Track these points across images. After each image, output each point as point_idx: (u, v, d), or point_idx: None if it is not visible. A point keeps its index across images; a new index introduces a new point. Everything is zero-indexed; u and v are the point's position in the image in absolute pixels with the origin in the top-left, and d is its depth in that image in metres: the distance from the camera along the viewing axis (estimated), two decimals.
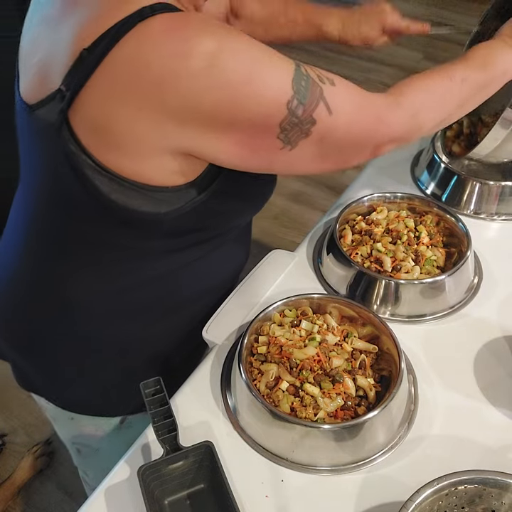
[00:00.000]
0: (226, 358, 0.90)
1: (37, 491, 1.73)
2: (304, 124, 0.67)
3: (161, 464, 0.72)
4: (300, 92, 0.65)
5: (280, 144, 0.68)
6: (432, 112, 0.78)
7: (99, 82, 0.65)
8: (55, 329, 0.89)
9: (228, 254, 0.95)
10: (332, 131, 0.69)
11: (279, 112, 0.65)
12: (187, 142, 0.67)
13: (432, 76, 0.78)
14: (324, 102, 0.67)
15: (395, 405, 0.78)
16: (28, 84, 0.75)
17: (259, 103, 0.64)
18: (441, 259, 1.01)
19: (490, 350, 0.91)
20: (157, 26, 0.63)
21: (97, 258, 0.82)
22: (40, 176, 0.79)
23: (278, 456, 0.78)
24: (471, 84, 0.81)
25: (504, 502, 0.66)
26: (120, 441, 1.02)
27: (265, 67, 0.65)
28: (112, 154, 0.69)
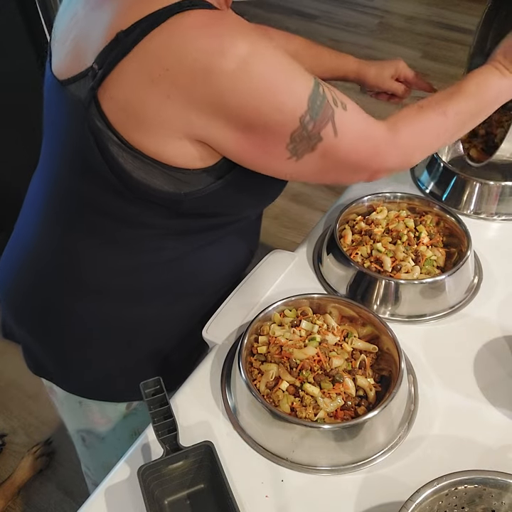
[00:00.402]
0: (226, 358, 0.90)
1: (37, 491, 1.73)
2: (311, 139, 0.72)
3: (161, 464, 0.72)
4: (313, 109, 0.70)
5: (288, 153, 0.73)
6: (425, 149, 0.85)
7: (131, 64, 0.67)
8: (68, 310, 0.91)
9: (236, 246, 0.97)
10: (334, 151, 0.74)
11: (292, 123, 0.70)
12: (206, 132, 0.71)
13: (427, 114, 0.82)
14: (332, 123, 0.72)
15: (395, 405, 0.78)
16: (60, 61, 0.78)
17: (278, 111, 0.69)
18: (441, 259, 1.01)
19: (490, 350, 0.91)
20: (195, 21, 0.66)
21: (115, 235, 0.84)
22: (65, 150, 0.81)
23: (278, 456, 0.78)
24: (464, 116, 0.86)
25: (504, 502, 0.66)
26: (124, 431, 1.05)
27: (289, 79, 0.69)
28: (137, 133, 0.72)
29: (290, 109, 0.69)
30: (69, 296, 0.90)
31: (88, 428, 1.09)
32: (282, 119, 0.69)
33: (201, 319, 0.96)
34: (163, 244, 0.86)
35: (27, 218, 0.94)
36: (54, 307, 0.92)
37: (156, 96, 0.67)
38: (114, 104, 0.70)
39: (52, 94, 0.80)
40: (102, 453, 1.13)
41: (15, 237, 0.97)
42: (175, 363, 1.01)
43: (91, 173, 0.77)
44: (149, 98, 0.68)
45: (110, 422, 1.05)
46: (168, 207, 0.79)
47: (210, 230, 0.89)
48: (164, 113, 0.69)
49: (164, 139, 0.71)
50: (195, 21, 0.66)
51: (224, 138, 0.72)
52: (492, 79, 0.87)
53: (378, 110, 3.24)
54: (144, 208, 0.80)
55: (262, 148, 0.73)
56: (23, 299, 0.95)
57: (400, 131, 0.80)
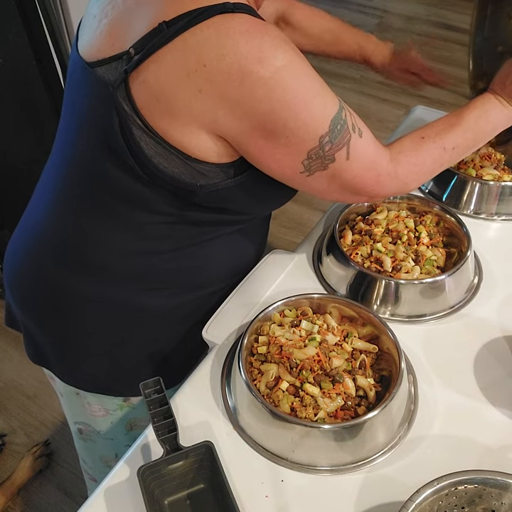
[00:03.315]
0: (226, 358, 0.90)
1: (36, 492, 1.73)
2: (325, 159, 0.76)
3: (161, 464, 0.72)
4: (334, 132, 0.74)
5: (302, 168, 0.76)
6: (421, 180, 0.89)
7: (169, 54, 0.69)
8: (73, 293, 0.92)
9: (242, 245, 0.98)
10: (343, 173, 0.78)
11: (312, 142, 0.73)
12: (230, 132, 0.74)
13: (427, 147, 0.86)
14: (347, 148, 0.76)
15: (395, 405, 0.78)
16: (90, 44, 0.80)
17: (302, 127, 0.72)
18: (441, 259, 1.01)
19: (490, 350, 0.91)
20: (239, 25, 0.68)
21: (127, 218, 0.85)
22: (85, 131, 0.82)
23: (278, 456, 0.78)
24: (461, 149, 0.89)
25: (504, 502, 0.66)
26: (121, 424, 1.05)
27: (317, 99, 0.73)
28: (164, 121, 0.73)
29: (313, 128, 0.72)
30: (75, 278, 0.91)
31: (85, 420, 1.10)
32: (304, 135, 0.72)
33: (201, 319, 0.96)
34: (171, 233, 0.87)
35: (38, 203, 0.95)
36: (60, 290, 0.92)
37: (189, 89, 0.70)
38: (146, 89, 0.72)
39: (77, 76, 0.81)
40: (98, 446, 1.14)
41: (23, 224, 0.97)
42: (175, 362, 1.01)
43: (111, 155, 0.78)
44: (182, 89, 0.70)
45: (107, 415, 1.05)
46: (181, 196, 0.81)
47: (217, 225, 0.90)
48: (194, 106, 0.71)
49: (189, 130, 0.73)
50: (239, 25, 0.68)
51: (246, 141, 0.74)
52: (492, 112, 0.89)
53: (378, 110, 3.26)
54: (158, 194, 0.81)
55: (279, 158, 0.76)
56: (30, 282, 0.96)
57: (401, 164, 0.84)
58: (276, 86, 0.69)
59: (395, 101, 3.10)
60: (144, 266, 0.89)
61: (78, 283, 0.91)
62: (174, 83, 0.70)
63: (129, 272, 0.89)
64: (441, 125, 0.88)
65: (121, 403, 1.03)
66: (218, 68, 0.68)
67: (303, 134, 0.72)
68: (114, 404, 1.03)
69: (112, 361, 0.98)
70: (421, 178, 0.88)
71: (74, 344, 0.97)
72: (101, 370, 0.99)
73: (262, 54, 0.68)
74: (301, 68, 0.71)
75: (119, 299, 0.92)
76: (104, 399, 1.02)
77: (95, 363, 0.98)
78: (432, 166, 0.87)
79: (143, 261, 0.89)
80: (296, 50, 0.72)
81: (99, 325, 0.94)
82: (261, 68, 0.68)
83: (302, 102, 0.71)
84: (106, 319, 0.94)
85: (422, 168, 0.86)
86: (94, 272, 0.90)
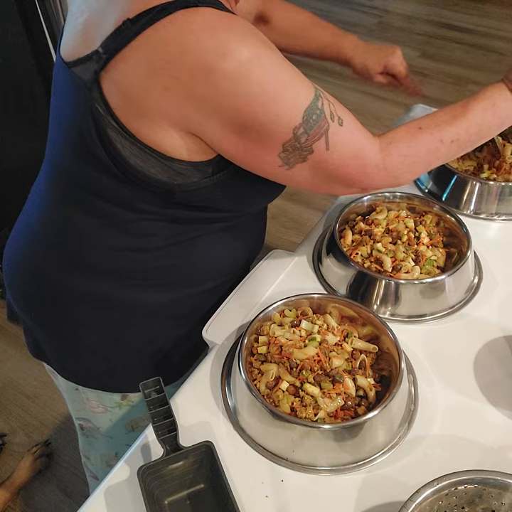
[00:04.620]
0: (226, 358, 0.90)
1: (36, 492, 1.73)
2: (303, 151, 0.73)
3: (161, 464, 0.72)
4: (308, 123, 0.71)
5: (280, 161, 0.74)
6: (414, 172, 0.84)
7: (134, 52, 0.69)
8: (68, 291, 0.92)
9: (233, 244, 0.97)
10: (325, 164, 0.75)
11: (285, 134, 0.71)
12: (202, 129, 0.72)
13: (424, 138, 0.81)
14: (326, 138, 0.73)
15: (395, 405, 0.78)
16: (68, 44, 0.79)
17: (272, 120, 0.70)
18: (441, 259, 1.01)
19: (490, 350, 0.91)
20: (202, 20, 0.67)
21: (111, 216, 0.85)
22: (66, 132, 0.82)
23: (278, 456, 0.78)
24: (462, 143, 0.84)
25: (504, 502, 0.66)
26: (121, 422, 1.05)
27: (287, 91, 0.70)
28: (136, 121, 0.73)
29: (285, 119, 0.70)
30: (67, 275, 0.91)
31: (85, 416, 1.10)
32: (276, 128, 0.70)
33: (199, 317, 0.96)
34: (155, 231, 0.86)
35: (32, 203, 0.95)
36: (54, 287, 0.93)
37: (156, 87, 0.69)
38: (116, 89, 0.71)
39: (59, 77, 0.81)
40: (99, 443, 1.14)
41: (20, 223, 0.98)
42: (173, 360, 1.01)
43: (89, 156, 0.78)
44: (149, 87, 0.69)
45: (106, 412, 1.05)
46: (161, 195, 0.80)
47: (202, 223, 0.89)
48: (162, 104, 0.70)
49: (162, 128, 0.72)
50: (202, 19, 0.67)
51: (218, 137, 0.73)
52: (502, 105, 0.84)
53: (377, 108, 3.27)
54: (138, 194, 0.80)
55: (254, 153, 0.74)
56: (26, 280, 0.96)
57: (392, 154, 0.80)
58: (241, 80, 0.67)
59: (394, 99, 3.09)
60: (132, 263, 0.89)
61: (71, 280, 0.91)
62: (141, 81, 0.69)
63: (119, 268, 0.89)
64: (443, 115, 0.83)
65: (120, 401, 1.03)
66: (182, 65, 0.66)
67: (275, 126, 0.70)
68: (112, 401, 1.03)
69: (108, 357, 0.98)
70: (413, 170, 0.83)
71: (71, 340, 0.98)
72: (97, 365, 0.99)
73: (225, 48, 0.66)
74: (269, 60, 0.69)
75: (111, 295, 0.92)
76: (101, 395, 1.02)
77: (91, 359, 0.99)
78: (427, 158, 0.83)
79: (130, 258, 0.88)
80: (265, 42, 0.70)
81: (94, 321, 0.94)
82: (225, 63, 0.66)
83: (271, 94, 0.69)
84: (99, 315, 0.94)
85: (414, 160, 0.82)
86: (85, 268, 0.90)
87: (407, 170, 0.82)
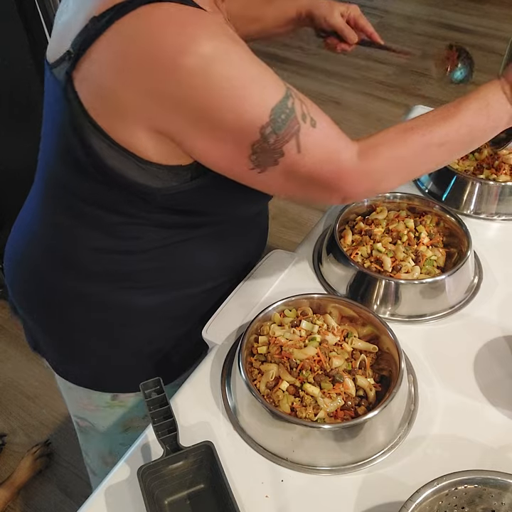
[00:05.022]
0: (226, 358, 0.90)
1: (37, 492, 1.73)
2: (273, 153, 0.69)
3: (161, 464, 0.72)
4: (276, 123, 0.67)
5: (251, 164, 0.71)
6: (400, 178, 0.79)
7: (99, 50, 0.68)
8: (63, 292, 0.92)
9: (226, 247, 0.95)
10: (297, 167, 0.71)
11: (252, 134, 0.68)
12: (169, 128, 0.70)
13: (410, 140, 0.76)
14: (296, 140, 0.69)
15: (395, 405, 0.78)
16: (51, 45, 0.79)
17: (238, 118, 0.67)
18: (441, 259, 1.01)
19: (490, 350, 0.91)
20: (165, 15, 0.65)
21: (96, 219, 0.84)
22: (51, 134, 0.81)
23: (278, 456, 0.78)
24: (454, 146, 0.79)
25: (504, 502, 0.66)
26: (114, 418, 1.05)
27: (254, 87, 0.67)
28: (109, 121, 0.71)
29: (250, 118, 0.67)
30: (61, 276, 0.91)
31: (79, 413, 1.11)
32: (242, 127, 0.67)
33: (201, 319, 0.96)
34: (140, 234, 0.85)
35: (28, 204, 0.95)
36: (50, 288, 0.93)
37: (121, 85, 0.67)
38: (87, 88, 0.70)
39: (46, 78, 0.81)
40: (95, 440, 1.14)
41: (18, 223, 0.98)
42: (175, 362, 1.01)
43: (70, 158, 0.77)
44: (116, 85, 0.68)
45: (98, 410, 1.05)
46: (142, 199, 0.78)
47: (189, 227, 0.87)
48: (129, 103, 0.68)
49: (135, 129, 0.71)
50: (164, 15, 0.65)
51: (186, 137, 0.70)
52: (495, 106, 0.79)
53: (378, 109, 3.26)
54: (120, 197, 0.79)
55: (223, 154, 0.71)
56: (25, 280, 0.96)
57: (375, 157, 0.75)
58: (202, 76, 0.64)
59: (395, 100, 3.09)
60: (119, 265, 0.88)
61: (65, 281, 0.91)
62: (108, 80, 0.68)
63: (108, 271, 0.89)
64: (433, 117, 0.78)
65: (110, 401, 1.03)
66: (143, 62, 0.65)
67: (240, 125, 0.67)
68: (102, 400, 1.03)
69: (106, 357, 0.98)
70: (399, 174, 0.78)
71: (70, 342, 0.98)
72: (93, 365, 0.99)
73: (186, 44, 0.64)
74: (236, 55, 0.66)
75: (106, 297, 0.91)
76: (92, 394, 1.02)
77: (89, 359, 0.99)
78: (414, 162, 0.78)
79: (116, 260, 0.88)
80: (233, 37, 0.68)
81: (91, 323, 0.94)
82: (185, 59, 0.63)
83: (237, 90, 0.66)
84: (96, 317, 0.93)
85: (400, 163, 0.77)
86: (79, 271, 0.90)
87: (392, 173, 0.78)
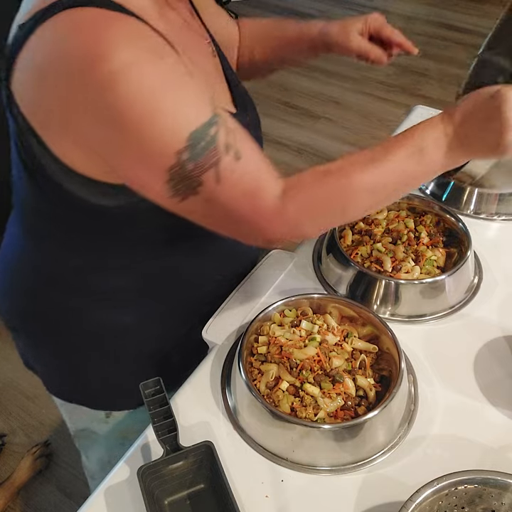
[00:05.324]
0: (226, 358, 0.90)
1: (36, 492, 1.73)
2: (192, 181, 0.64)
3: (161, 464, 0.72)
4: (194, 149, 0.62)
5: (170, 192, 0.65)
6: (319, 224, 0.74)
7: (23, 58, 0.65)
8: (49, 309, 0.91)
9: (212, 258, 0.92)
10: (217, 199, 0.66)
11: (168, 158, 0.63)
12: (90, 142, 0.65)
13: (330, 184, 0.69)
14: (216, 171, 0.64)
15: (395, 405, 0.78)
16: None
17: (152, 137, 0.62)
18: (441, 259, 1.01)
19: (490, 350, 0.91)
20: (81, 21, 0.61)
21: (59, 235, 0.83)
22: (12, 150, 0.78)
23: (278, 456, 0.78)
24: (376, 192, 0.71)
25: (504, 502, 0.66)
26: (110, 432, 1.04)
27: (170, 106, 0.62)
28: (49, 133, 0.67)
29: (166, 140, 0.62)
30: (46, 291, 0.90)
31: (72, 426, 1.10)
32: (159, 148, 0.62)
33: (201, 319, 0.96)
34: (122, 253, 0.84)
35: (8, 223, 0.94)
36: (34, 308, 0.92)
37: (44, 92, 0.64)
38: (20, 98, 0.67)
39: None
40: (94, 448, 1.13)
41: (10, 233, 0.96)
42: (175, 362, 1.01)
43: (24, 171, 0.75)
44: (39, 96, 0.65)
45: (92, 424, 1.04)
46: (96, 216, 0.76)
47: (163, 243, 0.83)
48: (55, 114, 0.65)
49: (70, 143, 0.67)
50: (81, 21, 0.61)
51: (105, 152, 0.65)
52: (431, 151, 0.70)
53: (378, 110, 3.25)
54: (76, 214, 0.77)
55: (140, 177, 0.66)
56: (8, 298, 0.95)
57: (292, 200, 0.68)
58: (115, 86, 0.59)
59: (395, 100, 3.09)
60: (99, 282, 0.87)
61: (51, 297, 0.90)
62: (33, 90, 0.65)
63: (94, 287, 0.87)
64: (360, 158, 0.70)
65: (104, 418, 1.01)
66: (59, 70, 0.61)
67: (156, 146, 0.62)
68: (96, 416, 1.01)
69: (93, 371, 0.97)
70: (316, 221, 0.72)
71: (52, 360, 0.97)
72: (79, 381, 0.98)
73: (103, 51, 0.59)
74: (151, 68, 0.61)
75: (103, 320, 0.90)
76: (85, 410, 1.01)
77: (73, 375, 0.97)
78: (332, 208, 0.71)
79: (107, 277, 0.86)
80: (154, 47, 0.63)
81: (74, 339, 0.93)
82: (99, 67, 0.59)
83: (148, 105, 0.60)
84: (79, 333, 0.92)
85: (316, 208, 0.70)
86: (62, 287, 0.88)
87: (309, 219, 0.71)
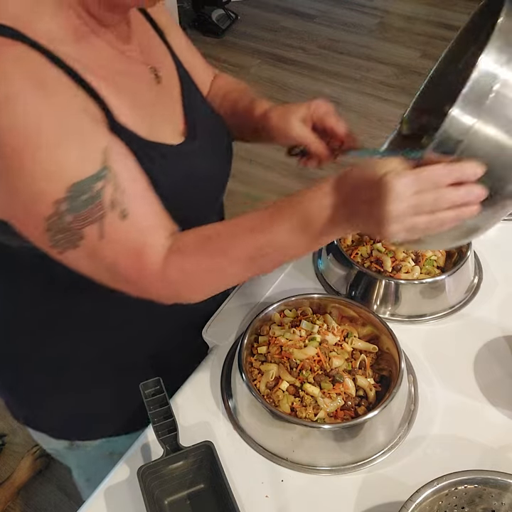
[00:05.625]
0: (226, 358, 0.90)
1: (36, 492, 1.73)
2: (72, 234, 0.62)
3: (161, 464, 0.72)
4: (74, 201, 0.60)
5: (49, 242, 0.63)
6: (197, 291, 0.71)
7: None
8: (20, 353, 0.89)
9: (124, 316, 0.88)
10: (99, 255, 0.64)
11: (45, 206, 0.59)
12: None
13: (209, 248, 0.67)
14: (100, 226, 0.62)
15: (395, 405, 0.78)
16: None
17: (31, 181, 0.59)
18: (441, 259, 1.01)
19: (490, 350, 0.91)
20: None
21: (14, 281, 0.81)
22: None
23: (278, 456, 0.78)
24: (256, 263, 0.68)
25: (504, 502, 0.66)
26: (80, 457, 1.00)
27: (55, 150, 0.59)
28: None
29: (44, 186, 0.59)
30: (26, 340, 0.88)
31: (46, 448, 1.05)
32: (35, 193, 0.59)
33: (200, 319, 0.95)
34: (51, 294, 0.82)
35: None
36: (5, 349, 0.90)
37: None
38: None
39: None
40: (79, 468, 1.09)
41: None
42: (175, 363, 1.01)
43: None
44: None
45: (61, 451, 1.01)
46: (16, 257, 0.74)
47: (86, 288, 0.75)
48: None
49: None
50: None
51: None
52: (315, 225, 0.63)
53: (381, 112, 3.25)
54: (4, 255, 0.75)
55: (20, 219, 0.63)
56: None
57: (172, 265, 0.66)
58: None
59: (395, 100, 3.09)
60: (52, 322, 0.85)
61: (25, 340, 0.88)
62: None
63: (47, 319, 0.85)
64: (243, 224, 0.67)
65: (69, 445, 0.98)
66: None
67: (33, 191, 0.59)
68: (59, 444, 0.98)
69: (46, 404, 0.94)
70: (194, 288, 0.70)
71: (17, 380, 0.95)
72: (37, 408, 0.95)
73: None
74: (39, 105, 0.57)
75: (99, 353, 0.89)
76: (47, 438, 0.98)
77: (32, 402, 0.94)
78: (208, 277, 0.69)
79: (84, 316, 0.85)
80: (41, 81, 0.59)
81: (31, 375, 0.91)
82: None
83: (31, 146, 0.57)
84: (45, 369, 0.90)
85: (194, 276, 0.68)
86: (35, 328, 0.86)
87: (187, 286, 0.69)
